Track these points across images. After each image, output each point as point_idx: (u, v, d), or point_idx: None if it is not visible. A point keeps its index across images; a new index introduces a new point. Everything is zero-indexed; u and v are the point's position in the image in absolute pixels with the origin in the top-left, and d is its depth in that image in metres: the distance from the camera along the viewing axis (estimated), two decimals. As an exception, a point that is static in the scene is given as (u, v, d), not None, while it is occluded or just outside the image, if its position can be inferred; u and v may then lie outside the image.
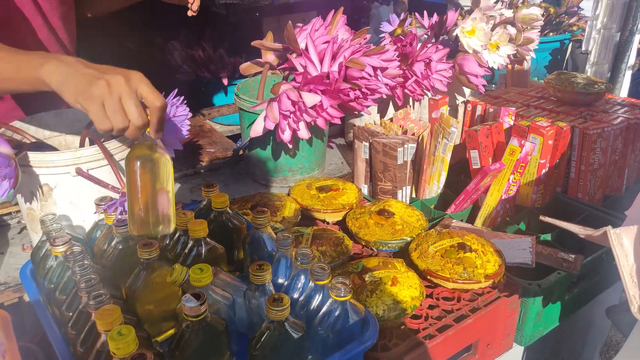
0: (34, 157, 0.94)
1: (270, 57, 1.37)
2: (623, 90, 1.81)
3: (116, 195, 0.96)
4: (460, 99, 1.62)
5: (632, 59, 1.76)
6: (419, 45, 1.42)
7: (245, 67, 1.42)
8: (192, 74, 2.42)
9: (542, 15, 2.55)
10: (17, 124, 1.09)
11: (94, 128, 0.84)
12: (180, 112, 0.98)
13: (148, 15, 3.20)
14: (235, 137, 1.73)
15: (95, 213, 0.96)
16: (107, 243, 0.93)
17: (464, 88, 1.60)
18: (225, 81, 2.29)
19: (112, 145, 1.00)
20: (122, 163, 1.05)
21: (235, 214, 1.00)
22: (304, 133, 1.14)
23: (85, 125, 1.06)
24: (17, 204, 1.09)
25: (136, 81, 0.78)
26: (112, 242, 0.92)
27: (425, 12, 1.70)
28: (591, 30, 1.78)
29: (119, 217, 0.89)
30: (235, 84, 1.51)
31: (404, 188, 1.33)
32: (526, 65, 1.64)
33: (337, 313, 0.74)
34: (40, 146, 1.08)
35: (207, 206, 0.99)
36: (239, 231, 0.98)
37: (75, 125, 1.18)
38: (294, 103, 1.07)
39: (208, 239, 0.90)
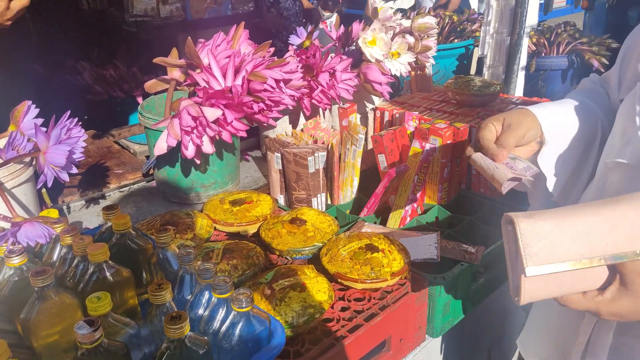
0: None
1: (176, 74, 1.35)
2: (518, 89, 1.95)
3: (7, 225, 0.92)
4: (369, 106, 1.68)
5: (523, 60, 1.90)
6: (323, 56, 1.46)
7: (151, 84, 1.40)
8: (104, 94, 2.34)
9: (447, 24, 2.71)
10: None
11: None
12: (74, 134, 0.95)
13: (58, 36, 3.07)
14: (152, 157, 1.69)
15: (-15, 246, 0.91)
16: (1, 276, 0.88)
17: (372, 95, 1.66)
18: (140, 100, 2.24)
19: (2, 173, 0.95)
20: (15, 191, 1.00)
21: (140, 234, 0.98)
22: (207, 148, 1.14)
23: (-28, 154, 1.01)
24: None
25: None
26: (6, 274, 0.87)
27: (332, 24, 1.75)
28: (485, 35, 1.91)
29: (10, 247, 0.85)
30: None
31: (319, 195, 1.36)
32: (428, 71, 1.73)
33: (240, 325, 0.75)
34: None
35: (108, 229, 0.96)
36: (144, 252, 0.96)
37: (-38, 154, 1.11)
38: (194, 118, 1.07)
39: (110, 263, 0.87)
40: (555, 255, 0.66)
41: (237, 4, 3.19)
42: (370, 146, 1.62)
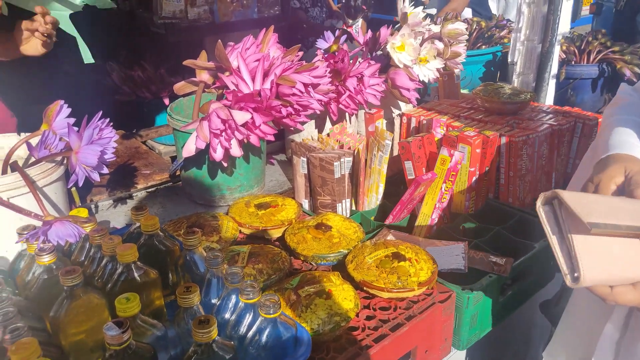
0: (-52, 187, 0.90)
1: (204, 76, 1.36)
2: (548, 98, 1.91)
3: (39, 223, 0.93)
4: (396, 112, 1.67)
5: (554, 68, 1.86)
6: (351, 61, 1.46)
7: (180, 86, 1.41)
8: (131, 95, 2.37)
9: (474, 30, 2.68)
10: None
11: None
12: (105, 135, 0.96)
13: (86, 37, 3.13)
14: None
15: (17, 242, 0.92)
16: (31, 273, 0.89)
17: (399, 101, 1.65)
18: (166, 101, 2.25)
19: (35, 171, 0.96)
20: (47, 190, 1.01)
21: (168, 236, 0.98)
22: (236, 151, 1.14)
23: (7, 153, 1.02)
24: None
25: None
26: (36, 272, 0.88)
27: (360, 29, 1.75)
28: (515, 42, 1.88)
29: (41, 245, 0.86)
30: (175, 103, 1.49)
31: (343, 201, 1.35)
32: (456, 77, 1.71)
33: (267, 331, 0.74)
34: (-43, 176, 1.03)
35: (137, 230, 0.96)
36: (171, 254, 0.96)
37: (-4, 152, 1.13)
38: (224, 121, 1.07)
39: (139, 263, 0.87)
40: (610, 214, 0.64)
41: (263, 7, 3.21)
42: (396, 152, 1.61)
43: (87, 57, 1.39)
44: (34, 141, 1.02)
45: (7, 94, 1.50)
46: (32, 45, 1.33)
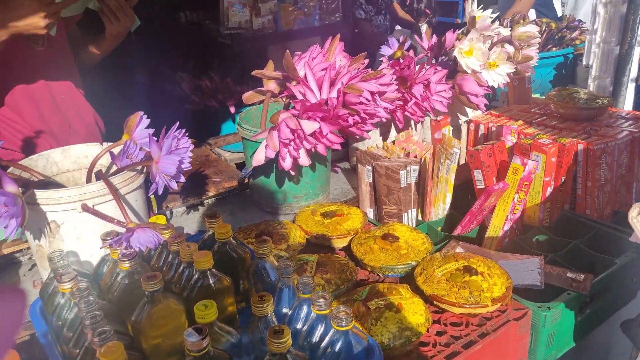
0: (40, 194, 0.96)
1: (271, 86, 1.39)
2: (627, 103, 1.80)
3: (122, 230, 0.98)
4: (462, 119, 1.63)
5: (634, 71, 1.75)
6: (417, 67, 1.44)
7: (248, 96, 1.44)
8: (200, 104, 2.46)
9: (544, 31, 2.57)
10: (25, 161, 1.12)
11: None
12: (182, 145, 1.00)
13: (157, 48, 3.28)
14: (244, 164, 1.75)
15: (101, 248, 0.97)
16: (113, 278, 0.94)
17: (466, 107, 1.60)
18: (232, 109, 2.33)
19: (117, 180, 1.02)
20: (128, 197, 1.07)
21: (239, 243, 1.01)
22: (304, 160, 1.15)
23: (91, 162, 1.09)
24: (27, 241, 1.11)
25: None
26: (118, 277, 0.93)
27: (424, 34, 1.72)
28: (591, 45, 1.79)
29: (124, 251, 0.90)
30: (242, 112, 1.54)
31: (409, 211, 1.33)
32: (527, 82, 1.65)
33: (339, 343, 0.74)
34: (47, 184, 1.11)
35: (211, 237, 0.99)
36: (243, 261, 0.99)
37: (81, 160, 1.21)
38: (293, 131, 1.09)
39: (214, 270, 0.90)
40: None
41: (324, 14, 3.24)
42: (463, 160, 1.57)
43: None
44: (116, 150, 1.08)
45: (92, 101, 1.61)
46: (114, 26, 1.47)
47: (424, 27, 3.99)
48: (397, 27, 4.05)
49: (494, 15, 1.52)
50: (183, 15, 3.43)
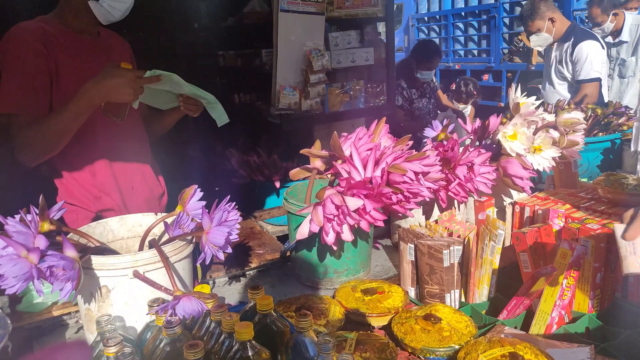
0: (96, 260, 1.02)
1: (317, 163, 1.45)
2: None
3: (169, 297, 1.01)
4: (507, 200, 1.62)
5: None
6: (461, 149, 1.47)
7: (295, 172, 1.51)
8: (247, 178, 2.57)
9: (590, 117, 2.58)
10: (84, 228, 1.20)
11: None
12: (231, 217, 1.05)
13: (210, 126, 3.50)
14: (286, 237, 1.79)
15: (147, 314, 1.01)
16: (156, 344, 0.96)
17: (511, 190, 1.60)
18: (277, 184, 2.42)
19: (168, 248, 1.07)
20: (177, 266, 1.11)
21: (279, 316, 1.01)
22: (347, 235, 1.17)
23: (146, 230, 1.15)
24: (76, 304, 1.16)
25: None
26: (161, 343, 0.95)
27: (468, 117, 1.77)
28: (638, 131, 1.78)
29: (169, 318, 0.93)
30: (287, 187, 1.60)
31: (452, 291, 1.30)
32: (574, 166, 1.64)
33: None
34: (103, 250, 1.17)
35: (252, 308, 1.01)
36: (282, 334, 0.99)
37: (136, 229, 1.28)
38: (337, 207, 1.12)
39: (254, 342, 0.90)
40: None
41: (370, 97, 3.38)
42: (508, 242, 1.54)
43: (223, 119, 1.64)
44: (169, 220, 1.14)
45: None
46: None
47: (468, 109, 4.09)
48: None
49: (538, 102, 1.55)
50: (237, 96, 3.66)
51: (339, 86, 3.12)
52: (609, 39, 3.96)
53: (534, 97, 1.53)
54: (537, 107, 1.55)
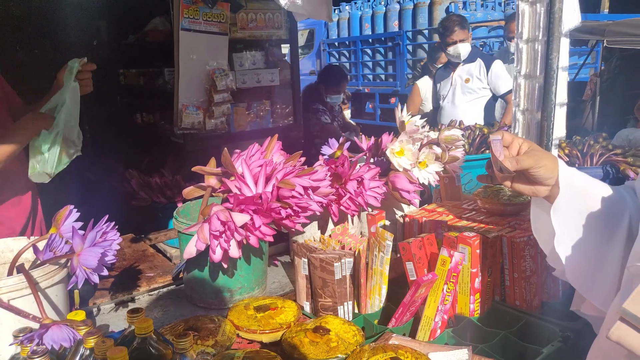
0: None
1: (212, 181, 1.43)
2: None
3: (37, 326, 0.94)
4: (398, 213, 1.70)
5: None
6: (359, 166, 1.52)
7: (188, 191, 1.48)
8: (147, 200, 2.47)
9: (477, 135, 2.79)
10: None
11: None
12: (109, 237, 1.00)
13: (111, 147, 3.35)
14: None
15: (11, 345, 0.92)
16: (21, 377, 0.88)
17: (401, 203, 1.68)
18: (180, 205, 2.34)
19: (38, 273, 0.99)
20: (49, 292, 1.03)
21: (161, 339, 0.98)
22: (234, 252, 1.16)
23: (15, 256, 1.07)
24: None
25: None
26: (26, 376, 0.87)
27: (363, 135, 1.84)
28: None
29: (34, 348, 0.86)
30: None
31: (345, 304, 1.33)
32: (457, 180, 1.76)
33: None
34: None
35: (131, 333, 0.96)
36: (164, 357, 0.95)
37: (6, 255, 1.18)
38: (223, 223, 1.11)
39: (129, 368, 0.86)
40: None
41: (278, 118, 3.42)
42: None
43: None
44: (41, 243, 1.07)
45: (44, 198, 1.61)
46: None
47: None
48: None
49: (422, 121, 1.66)
50: (140, 116, 3.54)
51: (245, 106, 3.12)
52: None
53: (419, 117, 1.63)
54: (423, 126, 1.65)
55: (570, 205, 1.01)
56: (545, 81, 1.79)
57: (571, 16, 1.83)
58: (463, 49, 3.67)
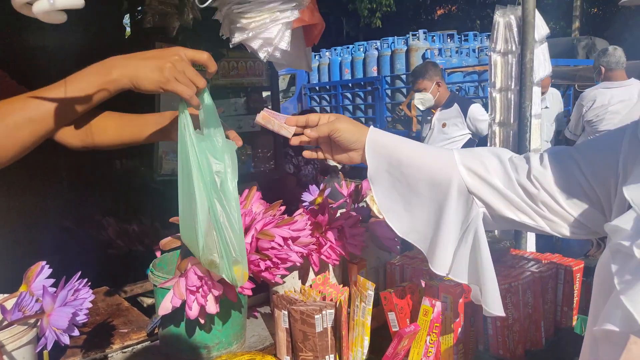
0: None
1: (190, 232, 1.41)
2: (529, 244, 1.94)
3: (-1, 393, 0.89)
4: (381, 261, 1.68)
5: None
6: (339, 212, 1.52)
7: (166, 242, 1.45)
8: (124, 248, 2.42)
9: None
10: None
11: None
12: (81, 295, 0.97)
13: (89, 192, 3.29)
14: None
15: (-29, 415, 0.87)
16: None
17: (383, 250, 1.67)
18: (158, 254, 2.29)
19: (5, 335, 0.95)
20: (15, 354, 0.99)
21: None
22: (212, 308, 1.13)
23: (-20, 315, 1.02)
24: None
25: (183, 53, 0.99)
26: None
27: (343, 182, 1.85)
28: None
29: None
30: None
31: (327, 357, 1.29)
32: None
33: None
34: None
35: (101, 396, 0.92)
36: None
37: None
38: (200, 278, 1.08)
39: None
40: None
41: (259, 162, 3.43)
42: (381, 303, 1.58)
43: None
44: (9, 302, 1.03)
45: (10, 250, 1.53)
46: None
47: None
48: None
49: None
50: (119, 162, 3.51)
51: (227, 152, 3.13)
52: None
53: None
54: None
55: (381, 166, 1.09)
56: (519, 128, 1.85)
57: (542, 66, 1.91)
58: (419, 97, 3.80)
